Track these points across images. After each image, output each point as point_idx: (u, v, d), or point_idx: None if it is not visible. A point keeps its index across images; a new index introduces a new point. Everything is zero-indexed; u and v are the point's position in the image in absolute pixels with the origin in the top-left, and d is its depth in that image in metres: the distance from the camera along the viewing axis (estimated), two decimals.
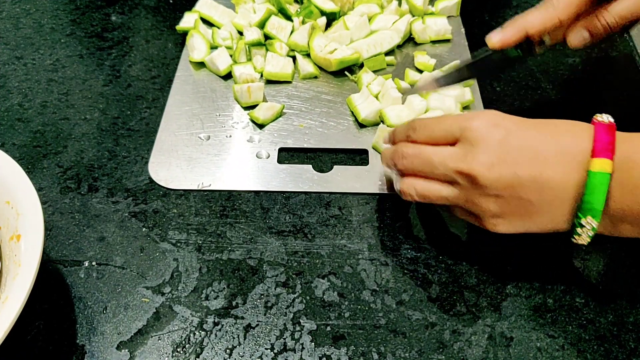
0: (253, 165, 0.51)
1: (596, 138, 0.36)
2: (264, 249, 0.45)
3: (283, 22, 0.61)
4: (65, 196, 0.49)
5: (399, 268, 0.44)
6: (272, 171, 0.51)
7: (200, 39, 0.61)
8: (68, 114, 0.56)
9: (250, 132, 0.54)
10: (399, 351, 0.39)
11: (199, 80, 0.59)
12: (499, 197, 0.38)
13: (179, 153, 0.52)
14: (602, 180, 0.35)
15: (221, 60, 0.58)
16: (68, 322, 0.41)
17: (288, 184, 0.50)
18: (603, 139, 0.35)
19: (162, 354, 0.39)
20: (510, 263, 0.44)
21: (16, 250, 0.38)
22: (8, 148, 0.53)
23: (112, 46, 0.64)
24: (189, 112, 0.56)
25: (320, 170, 0.51)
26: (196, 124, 0.55)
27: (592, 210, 0.36)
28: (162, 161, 0.52)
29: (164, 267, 0.44)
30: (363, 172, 0.50)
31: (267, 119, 0.55)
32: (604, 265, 0.44)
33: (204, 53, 0.60)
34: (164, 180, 0.50)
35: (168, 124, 0.55)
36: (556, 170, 0.36)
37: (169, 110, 0.56)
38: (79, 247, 0.45)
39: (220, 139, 0.54)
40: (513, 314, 0.41)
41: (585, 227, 0.37)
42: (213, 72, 0.60)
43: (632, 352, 0.39)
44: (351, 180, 0.50)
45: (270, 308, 0.42)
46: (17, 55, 0.63)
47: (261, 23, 0.61)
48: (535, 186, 0.37)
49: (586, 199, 0.35)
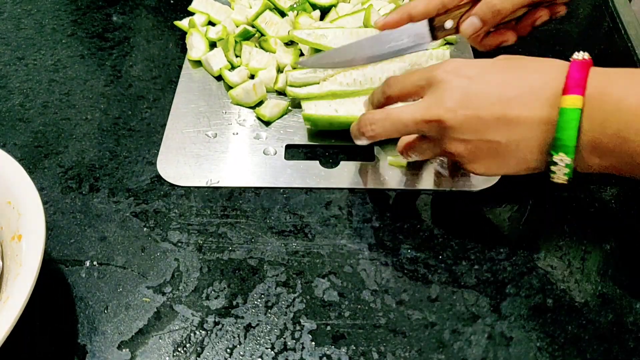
0: (260, 161, 0.52)
1: (569, 75, 0.36)
2: (264, 249, 0.45)
3: (275, 17, 0.62)
4: (67, 196, 0.49)
5: (399, 268, 0.44)
6: (280, 167, 0.51)
7: (199, 37, 0.61)
8: (69, 114, 0.56)
9: (256, 129, 0.55)
10: (399, 351, 0.39)
11: (204, 78, 0.60)
12: (468, 141, 0.39)
13: (186, 150, 0.53)
14: (573, 116, 0.35)
15: (216, 61, 0.59)
16: (69, 322, 0.41)
17: (295, 180, 0.50)
18: (575, 76, 0.36)
19: (162, 354, 0.40)
20: (510, 263, 0.44)
21: (17, 250, 0.38)
22: (9, 148, 0.53)
23: (113, 46, 0.64)
24: (195, 109, 0.57)
25: (327, 165, 0.51)
26: (203, 122, 0.55)
27: (564, 147, 0.36)
28: (170, 159, 0.52)
29: (165, 266, 0.44)
30: (369, 168, 0.51)
31: (274, 116, 0.55)
32: (603, 265, 0.44)
33: (202, 52, 0.61)
34: (172, 177, 0.50)
35: (175, 122, 0.55)
36: (521, 109, 0.37)
37: (176, 108, 0.57)
38: (80, 247, 0.46)
39: (227, 137, 0.54)
40: (513, 314, 0.41)
41: (558, 164, 0.37)
42: (208, 71, 0.60)
43: (632, 351, 0.39)
44: (357, 175, 0.50)
45: (271, 308, 0.42)
46: (19, 55, 0.63)
47: (256, 17, 0.62)
48: (501, 126, 0.38)
49: (558, 135, 0.36)
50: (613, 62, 0.61)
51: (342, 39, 0.56)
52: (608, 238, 0.45)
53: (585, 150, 0.37)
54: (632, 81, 0.35)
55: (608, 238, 0.45)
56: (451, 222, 0.47)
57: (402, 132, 0.42)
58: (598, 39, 0.62)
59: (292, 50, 0.59)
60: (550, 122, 0.37)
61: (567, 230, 0.46)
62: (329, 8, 0.63)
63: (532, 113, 0.37)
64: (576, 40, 0.63)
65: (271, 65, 0.58)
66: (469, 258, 0.44)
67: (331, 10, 0.63)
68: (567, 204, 0.47)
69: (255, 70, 0.58)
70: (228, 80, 0.58)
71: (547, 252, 0.45)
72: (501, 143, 0.38)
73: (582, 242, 0.45)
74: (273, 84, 0.58)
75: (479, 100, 0.38)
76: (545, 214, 0.47)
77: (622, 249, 0.45)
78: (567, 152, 0.36)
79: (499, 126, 0.38)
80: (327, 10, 0.63)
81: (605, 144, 0.36)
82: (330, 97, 0.54)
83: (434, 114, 0.39)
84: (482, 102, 0.38)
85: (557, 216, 0.47)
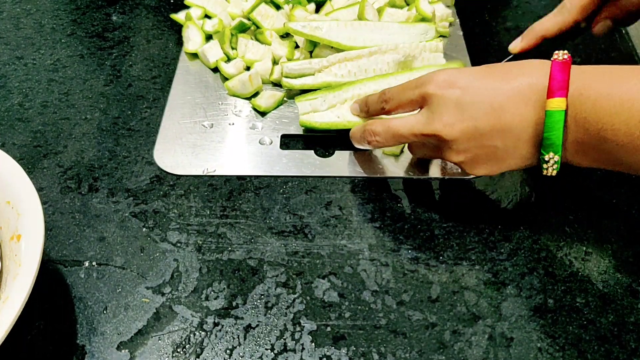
0: (256, 151, 0.52)
1: (551, 76, 0.38)
2: (264, 249, 0.45)
3: (270, 10, 0.62)
4: (66, 196, 0.49)
5: (399, 268, 0.44)
6: (275, 157, 0.52)
7: (196, 30, 0.62)
8: (68, 113, 0.56)
9: (252, 119, 0.55)
10: (399, 351, 0.39)
11: (200, 70, 0.60)
12: (467, 150, 0.41)
13: (183, 140, 0.53)
14: (558, 118, 0.37)
15: (212, 54, 0.59)
16: (68, 322, 0.41)
17: (291, 169, 0.51)
18: (557, 77, 0.38)
19: (162, 354, 0.39)
20: (511, 263, 0.44)
21: (16, 250, 0.38)
22: (8, 148, 0.53)
23: (112, 46, 0.64)
24: (192, 101, 0.57)
25: (322, 155, 0.51)
26: (199, 113, 0.56)
27: (552, 146, 0.38)
28: (167, 148, 0.53)
29: (164, 267, 0.44)
30: (364, 156, 0.51)
31: (269, 106, 0.56)
32: (604, 265, 0.44)
33: (198, 44, 0.61)
34: (169, 166, 0.51)
35: (172, 113, 0.56)
36: (513, 113, 0.39)
37: (172, 99, 0.57)
38: (79, 247, 0.45)
39: (223, 127, 0.55)
40: (513, 315, 0.41)
41: (549, 162, 0.39)
42: (204, 64, 0.61)
43: (632, 352, 0.39)
44: (352, 164, 0.51)
45: (271, 308, 0.42)
46: (18, 55, 0.63)
47: (252, 10, 0.62)
48: (497, 133, 0.40)
49: (546, 135, 0.38)
50: (613, 62, 0.61)
51: (337, 31, 0.56)
52: (609, 238, 0.45)
53: (571, 148, 0.39)
54: (609, 82, 0.36)
55: (609, 238, 0.45)
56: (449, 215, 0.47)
57: (402, 142, 0.46)
58: (598, 38, 0.62)
59: (288, 43, 0.60)
60: (540, 122, 0.39)
61: (568, 230, 0.46)
62: (324, 1, 0.63)
63: (523, 117, 0.39)
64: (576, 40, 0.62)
65: (267, 57, 0.59)
66: (469, 258, 0.44)
67: (326, 3, 0.63)
68: (568, 204, 0.47)
69: (251, 62, 0.59)
70: (224, 72, 0.58)
71: (548, 252, 0.44)
72: (498, 147, 0.40)
73: (583, 242, 0.45)
74: (269, 75, 0.58)
75: (473, 110, 0.40)
76: (545, 214, 0.47)
77: (623, 249, 0.45)
78: (556, 151, 0.38)
79: (494, 133, 0.40)
80: (322, 3, 0.64)
81: (588, 143, 0.38)
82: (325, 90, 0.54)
83: (431, 129, 0.41)
84: (476, 112, 0.40)
85: (558, 216, 0.47)
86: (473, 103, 0.40)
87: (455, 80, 0.41)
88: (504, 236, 0.46)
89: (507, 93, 0.39)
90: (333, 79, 0.55)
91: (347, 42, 0.57)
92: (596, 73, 0.37)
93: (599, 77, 0.37)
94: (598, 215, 0.47)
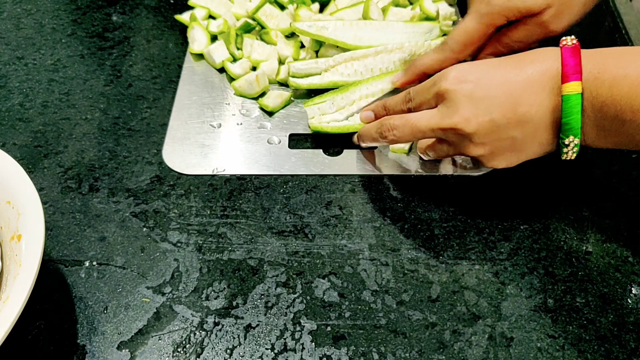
0: (265, 150, 0.52)
1: (564, 62, 0.38)
2: (264, 249, 0.45)
3: (275, 10, 0.62)
4: (66, 196, 0.49)
5: (399, 268, 0.44)
6: (284, 156, 0.52)
7: (201, 30, 0.62)
8: (69, 113, 0.56)
9: (260, 119, 0.55)
10: (399, 351, 0.39)
11: (206, 71, 0.61)
12: (486, 143, 0.41)
13: (192, 140, 0.53)
14: (575, 101, 0.37)
15: (218, 54, 0.59)
16: (69, 322, 0.41)
17: (300, 168, 0.51)
18: (570, 62, 0.38)
19: (162, 354, 0.39)
20: (511, 263, 0.44)
21: (17, 250, 0.38)
22: (9, 148, 0.53)
23: (113, 46, 0.64)
24: (199, 101, 0.57)
25: (330, 154, 0.52)
26: (207, 113, 0.56)
27: (571, 130, 0.38)
28: (176, 148, 0.53)
29: (165, 267, 0.44)
30: (371, 155, 0.52)
31: (277, 106, 0.56)
32: (604, 265, 0.44)
33: (203, 45, 0.61)
34: (178, 166, 0.51)
35: (179, 113, 0.56)
36: (530, 103, 0.39)
37: (179, 99, 0.57)
38: (80, 247, 0.46)
39: (231, 127, 0.55)
40: (513, 314, 0.41)
41: (569, 145, 0.39)
42: (210, 64, 0.61)
43: (632, 352, 0.39)
44: (361, 162, 0.51)
45: (271, 308, 0.42)
46: (18, 55, 0.63)
47: (257, 10, 0.62)
48: (514, 124, 0.39)
49: (564, 120, 0.38)
50: None
51: (343, 31, 0.57)
52: (609, 238, 0.45)
53: (590, 132, 0.39)
54: (624, 64, 0.36)
55: (609, 238, 0.45)
56: (449, 214, 0.47)
57: (420, 138, 0.45)
58: (599, 38, 0.62)
59: (293, 43, 0.60)
60: (557, 108, 0.39)
61: (568, 230, 0.46)
62: (328, 1, 0.63)
63: (539, 105, 0.39)
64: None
65: (273, 57, 0.59)
66: (469, 258, 0.44)
67: (330, 2, 0.63)
68: (568, 204, 0.47)
69: (257, 62, 0.59)
70: (230, 72, 0.58)
71: (548, 252, 0.44)
72: (517, 138, 0.40)
73: (583, 242, 0.45)
74: (275, 75, 0.58)
75: (487, 104, 0.40)
76: (545, 214, 0.47)
77: (623, 249, 0.45)
78: (575, 135, 0.39)
79: (511, 125, 0.40)
80: (326, 2, 0.63)
81: (607, 126, 0.38)
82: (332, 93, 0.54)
83: (449, 122, 0.41)
84: (490, 105, 0.40)
85: (558, 216, 0.47)
86: (486, 97, 0.40)
87: (466, 74, 0.41)
88: (504, 236, 0.46)
89: (521, 83, 0.39)
90: (340, 78, 0.55)
91: (353, 41, 0.57)
92: (609, 55, 0.37)
93: (613, 59, 0.37)
94: (598, 215, 0.47)
